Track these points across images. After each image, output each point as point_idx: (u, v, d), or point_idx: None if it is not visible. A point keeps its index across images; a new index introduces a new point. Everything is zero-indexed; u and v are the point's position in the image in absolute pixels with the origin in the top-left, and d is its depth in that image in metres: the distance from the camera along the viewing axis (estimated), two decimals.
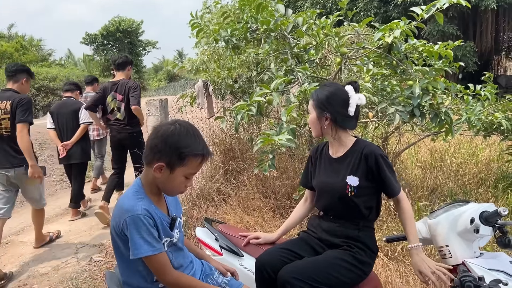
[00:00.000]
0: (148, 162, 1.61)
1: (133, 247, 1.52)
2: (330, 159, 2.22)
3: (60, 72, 19.49)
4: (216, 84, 4.24)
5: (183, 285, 1.61)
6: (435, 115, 4.05)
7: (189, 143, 1.56)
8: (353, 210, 2.09)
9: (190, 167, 1.59)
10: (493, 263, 1.84)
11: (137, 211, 1.53)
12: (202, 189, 4.35)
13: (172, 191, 1.67)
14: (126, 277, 1.67)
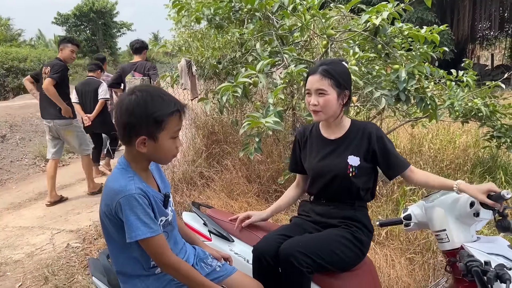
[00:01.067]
0: (127, 141, 1.48)
1: (130, 229, 1.40)
2: (325, 141, 2.13)
3: (30, 53, 18.70)
4: (200, 64, 4.09)
5: (182, 271, 1.51)
6: (421, 100, 4.04)
7: (159, 106, 1.43)
8: (351, 192, 2.05)
9: (172, 127, 1.47)
10: (492, 247, 1.81)
11: (130, 190, 1.41)
12: (184, 173, 4.22)
13: (166, 158, 1.54)
14: (120, 265, 1.55)
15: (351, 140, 2.07)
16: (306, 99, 2.07)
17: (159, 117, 1.42)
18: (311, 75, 2.03)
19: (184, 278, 1.52)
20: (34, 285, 3.26)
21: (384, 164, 2.06)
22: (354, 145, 2.05)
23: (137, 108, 1.41)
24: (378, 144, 2.04)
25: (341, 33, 4.41)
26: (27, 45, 26.82)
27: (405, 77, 3.89)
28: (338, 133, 2.11)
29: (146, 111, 1.41)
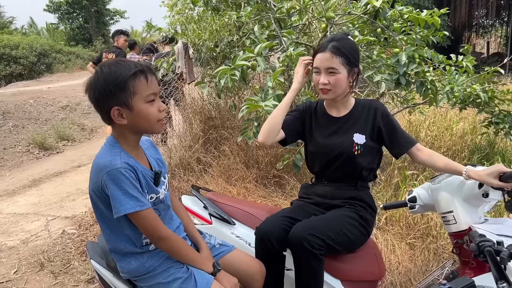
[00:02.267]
0: (107, 120, 1.44)
1: (116, 204, 1.35)
2: (330, 119, 2.08)
3: (22, 40, 18.41)
4: (196, 47, 4.00)
5: (176, 245, 1.48)
6: (421, 84, 4.00)
7: (117, 72, 1.38)
8: (354, 171, 2.02)
9: (141, 90, 1.40)
10: (501, 229, 1.77)
11: (116, 165, 1.36)
12: (181, 159, 4.16)
13: (151, 125, 1.46)
14: (112, 243, 1.50)
15: (357, 118, 2.04)
16: (314, 78, 1.99)
17: (121, 82, 1.38)
18: (321, 52, 1.94)
19: (177, 252, 1.49)
20: (29, 272, 3.21)
21: (389, 141, 2.02)
22: (360, 123, 2.02)
23: (98, 81, 1.39)
24: (383, 121, 2.01)
25: (340, 16, 4.33)
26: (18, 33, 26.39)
27: (406, 61, 3.83)
28: (343, 111, 2.07)
29: (107, 80, 1.38)
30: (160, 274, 1.49)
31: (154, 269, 1.49)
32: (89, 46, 30.99)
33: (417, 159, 1.99)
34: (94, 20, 34.86)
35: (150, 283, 1.50)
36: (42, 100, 9.58)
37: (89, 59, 23.62)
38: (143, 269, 1.49)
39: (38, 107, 9.16)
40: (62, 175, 5.90)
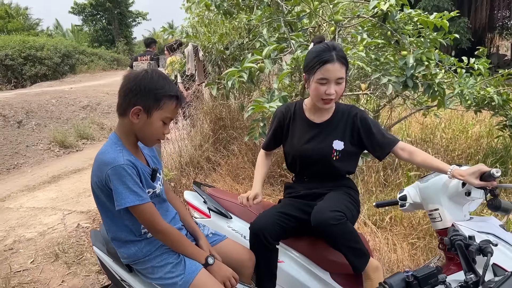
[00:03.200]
0: (122, 111, 1.56)
1: (118, 197, 1.48)
2: (310, 124, 2.11)
3: (47, 42, 18.94)
4: (207, 49, 4.13)
5: (172, 237, 1.59)
6: (428, 86, 4.02)
7: (163, 85, 1.55)
8: (332, 174, 2.10)
9: (166, 110, 1.56)
10: (483, 226, 1.84)
11: (119, 161, 1.49)
12: (191, 157, 4.29)
13: (151, 138, 1.61)
14: (113, 233, 1.63)
15: (337, 124, 2.08)
16: (319, 88, 1.95)
17: (159, 95, 1.53)
18: (330, 63, 1.90)
19: (173, 243, 1.60)
20: (45, 262, 3.39)
21: (371, 145, 2.06)
22: (339, 129, 2.07)
23: (144, 80, 1.53)
24: (362, 125, 2.05)
25: (349, 19, 4.39)
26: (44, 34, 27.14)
27: (413, 63, 3.87)
28: (324, 116, 2.11)
29: (150, 85, 1.53)
30: (154, 258, 1.62)
31: (150, 254, 1.62)
32: (111, 48, 31.63)
33: (402, 157, 2.03)
34: (117, 22, 35.53)
35: (145, 266, 1.62)
36: (64, 100, 9.90)
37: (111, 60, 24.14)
38: (141, 254, 1.62)
39: (60, 106, 9.47)
40: (80, 172, 6.12)
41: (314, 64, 1.93)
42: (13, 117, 8.11)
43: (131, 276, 1.67)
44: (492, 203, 1.81)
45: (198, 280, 1.56)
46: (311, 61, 1.97)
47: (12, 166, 6.66)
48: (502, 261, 1.67)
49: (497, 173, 1.70)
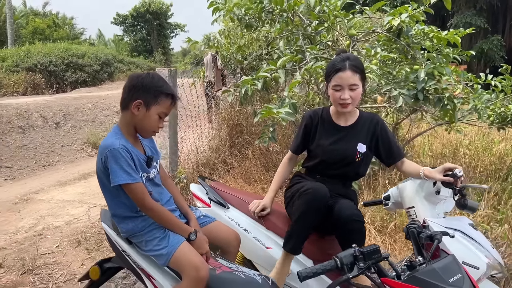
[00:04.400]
0: (125, 105, 1.84)
1: (113, 175, 1.74)
2: (337, 127, 2.29)
3: (89, 50, 19.99)
4: (225, 58, 4.41)
5: (158, 213, 1.83)
6: (439, 100, 4.11)
7: (161, 84, 1.85)
8: (349, 174, 2.30)
9: (163, 106, 1.84)
10: (453, 223, 1.99)
11: (115, 145, 1.76)
12: (208, 159, 4.57)
13: (148, 130, 1.87)
14: (113, 209, 1.90)
15: (361, 128, 2.27)
16: (334, 94, 2.16)
17: (158, 92, 1.83)
18: (342, 71, 2.11)
19: (161, 219, 1.85)
20: (68, 247, 3.71)
21: (385, 151, 2.27)
22: (362, 133, 2.26)
23: (146, 79, 1.84)
24: (382, 133, 2.27)
25: (365, 33, 4.58)
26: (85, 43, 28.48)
27: (424, 77, 3.98)
28: (349, 120, 2.30)
29: (151, 83, 1.83)
30: (146, 233, 1.87)
31: (144, 229, 1.87)
32: (149, 57, 32.78)
33: (401, 169, 2.27)
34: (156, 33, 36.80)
35: (140, 240, 1.88)
36: (99, 104, 10.47)
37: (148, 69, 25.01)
38: (137, 229, 1.87)
39: (95, 110, 10.04)
40: None
41: (330, 73, 2.17)
42: (52, 119, 8.69)
43: (130, 248, 1.93)
44: (460, 202, 1.97)
45: (179, 251, 1.80)
46: (328, 70, 2.22)
47: (47, 163, 7.17)
48: (457, 250, 1.83)
49: (459, 173, 1.87)
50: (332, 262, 1.45)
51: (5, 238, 3.98)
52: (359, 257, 1.42)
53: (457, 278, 1.38)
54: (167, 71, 3.63)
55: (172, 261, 1.79)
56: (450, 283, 1.36)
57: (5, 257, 3.48)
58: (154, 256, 1.86)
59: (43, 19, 28.81)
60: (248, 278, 1.79)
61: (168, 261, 1.80)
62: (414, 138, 6.68)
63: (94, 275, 2.05)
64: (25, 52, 17.27)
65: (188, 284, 1.73)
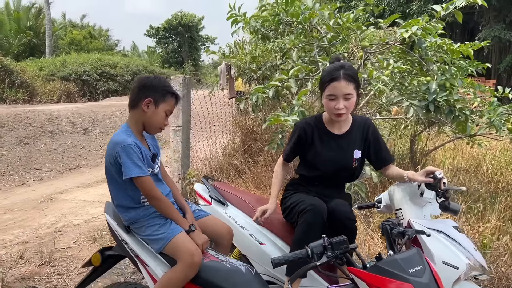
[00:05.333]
0: (135, 104, 2.02)
1: (126, 169, 1.91)
2: (332, 136, 2.30)
3: (121, 60, 20.73)
4: (239, 68, 4.59)
5: (164, 203, 2.01)
6: (450, 111, 4.13)
7: (168, 85, 2.07)
8: (345, 179, 2.41)
9: (169, 104, 2.05)
10: (436, 225, 2.05)
11: (128, 141, 1.94)
12: (221, 165, 4.72)
13: (156, 126, 2.05)
14: (119, 200, 2.07)
15: (355, 135, 2.30)
16: (329, 104, 2.15)
17: (165, 90, 2.04)
18: (336, 80, 2.10)
19: (165, 210, 2.02)
20: (85, 243, 3.93)
21: (375, 154, 2.33)
22: (357, 139, 2.30)
23: (154, 80, 2.05)
24: (373, 137, 2.31)
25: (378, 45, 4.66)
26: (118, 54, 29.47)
27: (435, 88, 4.01)
28: (343, 128, 2.31)
29: (159, 83, 2.04)
30: (147, 220, 2.04)
31: (145, 217, 2.04)
32: (180, 69, 33.57)
33: (388, 173, 2.34)
34: (187, 45, 37.65)
35: (139, 225, 2.05)
36: (126, 112, 10.75)
37: None
38: (138, 217, 2.04)
39: (123, 118, 10.41)
40: None
41: (324, 82, 2.16)
42: (81, 125, 9.10)
43: (128, 236, 2.09)
44: (442, 204, 2.04)
45: (177, 238, 1.94)
46: (322, 79, 2.22)
47: (74, 166, 7.52)
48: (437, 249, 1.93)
49: (439, 175, 1.95)
50: (303, 251, 1.55)
51: (28, 233, 4.24)
52: (328, 246, 1.52)
53: (418, 269, 1.46)
54: (182, 78, 3.82)
55: (169, 246, 1.94)
56: (409, 273, 1.44)
57: (26, 250, 3.72)
58: (152, 240, 2.01)
59: (79, 31, 30.01)
60: (233, 267, 1.91)
61: (164, 246, 1.95)
62: (432, 150, 6.65)
63: (95, 261, 2.21)
64: (61, 62, 18.11)
65: (182, 268, 1.87)
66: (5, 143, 7.36)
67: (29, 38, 27.35)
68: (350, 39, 4.59)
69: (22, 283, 3.22)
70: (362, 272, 1.48)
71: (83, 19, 35.48)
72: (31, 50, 27.14)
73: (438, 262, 1.93)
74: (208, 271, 1.89)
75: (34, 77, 15.61)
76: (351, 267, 1.53)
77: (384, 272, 1.45)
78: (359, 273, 1.49)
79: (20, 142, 7.58)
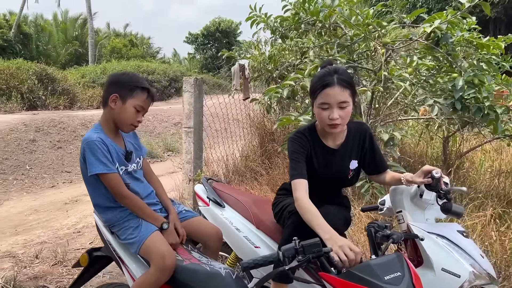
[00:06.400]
0: (104, 101, 1.99)
1: (90, 166, 1.88)
2: (328, 150, 2.06)
3: (158, 66, 21.23)
4: (254, 68, 4.51)
5: (132, 201, 1.95)
6: (478, 109, 3.89)
7: (136, 80, 2.00)
8: (342, 187, 2.30)
9: (138, 99, 1.97)
10: (438, 229, 1.88)
11: (92, 138, 1.91)
12: (237, 167, 4.65)
13: (126, 122, 1.99)
14: (95, 200, 2.05)
15: (351, 146, 2.09)
16: (322, 113, 1.88)
17: (132, 86, 1.98)
18: (329, 87, 1.84)
19: (135, 207, 1.96)
20: (100, 244, 3.93)
21: (371, 160, 2.13)
22: (353, 150, 2.10)
23: (121, 76, 2.03)
24: (370, 144, 2.12)
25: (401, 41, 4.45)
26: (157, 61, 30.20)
27: (462, 85, 3.79)
28: (339, 140, 2.07)
29: (126, 79, 2.00)
30: (122, 223, 1.99)
31: (121, 220, 1.99)
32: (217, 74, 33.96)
33: (383, 179, 2.16)
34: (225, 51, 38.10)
35: (117, 229, 2.01)
36: (159, 117, 11.06)
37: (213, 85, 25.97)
38: (115, 219, 2.00)
39: (155, 122, 10.61)
40: None
41: (316, 89, 1.89)
42: None
43: (111, 237, 2.06)
44: (444, 206, 1.86)
45: (149, 240, 1.89)
46: (312, 86, 1.95)
47: None
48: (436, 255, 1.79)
49: (436, 174, 1.78)
50: (275, 254, 1.46)
51: (49, 233, 4.35)
52: (299, 250, 1.41)
53: (395, 276, 1.33)
54: (193, 79, 3.79)
55: (142, 249, 1.89)
56: (384, 280, 1.31)
57: (43, 249, 3.80)
58: (128, 244, 1.97)
59: (120, 39, 31.04)
60: (212, 270, 1.82)
61: (139, 249, 1.90)
62: (467, 152, 6.29)
63: (83, 261, 2.19)
64: (101, 69, 18.79)
65: (154, 271, 1.81)
66: (39, 147, 7.66)
67: (75, 48, 28.67)
68: (372, 36, 4.41)
69: (34, 282, 3.28)
70: (333, 278, 1.36)
71: (126, 28, 36.75)
72: (77, 59, 28.42)
73: (437, 270, 1.77)
74: (186, 273, 1.81)
75: (75, 84, 16.23)
76: (323, 273, 1.41)
77: (356, 279, 1.32)
78: (330, 279, 1.37)
79: (54, 146, 7.86)
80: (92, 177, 1.92)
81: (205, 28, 37.65)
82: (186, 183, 3.83)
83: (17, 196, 5.96)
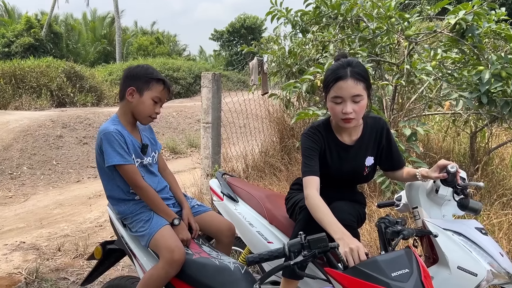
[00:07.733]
0: (122, 95, 2.01)
1: (107, 157, 1.90)
2: (343, 146, 2.01)
3: (184, 64, 21.41)
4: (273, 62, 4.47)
5: (148, 193, 1.97)
6: (506, 103, 3.75)
7: (151, 72, 2.02)
8: (357, 183, 2.22)
9: (155, 91, 1.99)
10: (455, 226, 1.82)
11: (109, 129, 1.93)
12: (256, 162, 4.63)
13: (144, 114, 2.01)
14: (109, 191, 2.07)
15: (367, 142, 2.03)
16: (334, 108, 1.84)
17: (148, 78, 1.99)
18: (342, 80, 1.78)
19: (150, 199, 1.98)
20: None
21: (388, 157, 2.07)
22: (370, 146, 2.03)
23: (137, 69, 2.03)
24: (387, 139, 2.05)
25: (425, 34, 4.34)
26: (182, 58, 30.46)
27: (488, 78, 3.66)
28: (354, 135, 2.01)
29: (141, 72, 2.01)
30: (135, 216, 2.00)
31: (134, 212, 2.01)
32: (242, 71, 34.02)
33: (400, 176, 2.11)
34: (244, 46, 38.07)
35: (130, 221, 2.02)
36: (183, 113, 11.15)
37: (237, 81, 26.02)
38: (128, 212, 2.02)
39: (179, 119, 10.70)
40: (179, 173, 6.88)
41: (329, 82, 1.85)
42: None
43: (124, 230, 2.08)
44: (461, 202, 1.79)
45: (159, 234, 1.89)
46: (325, 79, 1.90)
47: None
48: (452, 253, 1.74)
49: (451, 169, 1.71)
50: (280, 248, 1.43)
51: (72, 227, 4.45)
52: (305, 245, 1.38)
53: (402, 272, 1.28)
54: (211, 75, 3.79)
55: (152, 242, 1.90)
56: (391, 277, 1.26)
57: (65, 242, 3.89)
58: (139, 236, 1.98)
59: (147, 37, 31.46)
60: (221, 264, 1.81)
61: (148, 242, 1.91)
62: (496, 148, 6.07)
63: (97, 254, 2.23)
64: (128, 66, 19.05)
65: (163, 265, 1.82)
66: (66, 143, 7.84)
67: (103, 46, 29.25)
68: (395, 29, 4.31)
69: (56, 274, 3.36)
70: (338, 274, 1.33)
71: (153, 26, 37.23)
72: (105, 57, 29.01)
73: (452, 267, 1.71)
74: (195, 267, 1.81)
75: (102, 82, 16.56)
76: (329, 268, 1.38)
77: (362, 275, 1.28)
78: (336, 274, 1.33)
79: (80, 142, 8.03)
80: (108, 168, 1.94)
81: (231, 25, 37.73)
82: (204, 178, 3.84)
83: (43, 191, 6.14)
